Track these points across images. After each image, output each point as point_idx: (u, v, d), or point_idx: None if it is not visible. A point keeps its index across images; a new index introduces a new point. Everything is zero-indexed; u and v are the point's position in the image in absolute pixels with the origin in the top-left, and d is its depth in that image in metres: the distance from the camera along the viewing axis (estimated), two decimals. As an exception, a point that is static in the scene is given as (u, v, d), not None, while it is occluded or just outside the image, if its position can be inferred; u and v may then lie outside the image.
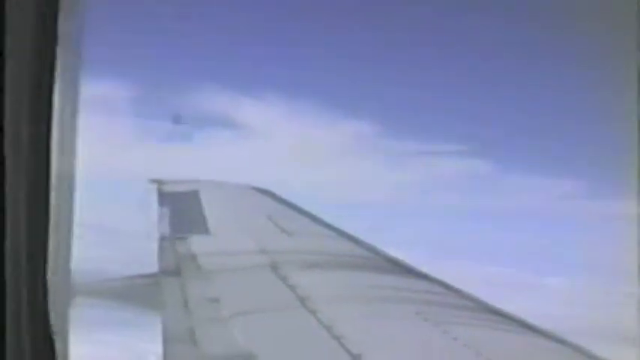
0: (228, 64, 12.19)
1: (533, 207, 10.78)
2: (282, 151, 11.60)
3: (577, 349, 5.53)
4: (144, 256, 8.66)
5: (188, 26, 11.33)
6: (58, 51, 2.42)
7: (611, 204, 8.98)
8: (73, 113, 2.68)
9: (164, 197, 11.28)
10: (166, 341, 6.17)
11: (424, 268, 7.93)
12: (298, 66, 11.98)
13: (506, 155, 11.29)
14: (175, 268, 8.09)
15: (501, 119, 11.57)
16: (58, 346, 2.52)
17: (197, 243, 8.95)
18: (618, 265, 5.37)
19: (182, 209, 10.52)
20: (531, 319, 6.19)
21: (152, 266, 8.31)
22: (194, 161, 11.60)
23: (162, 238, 9.27)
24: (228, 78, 11.81)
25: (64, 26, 2.44)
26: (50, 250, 2.50)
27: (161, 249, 8.87)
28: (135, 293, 7.84)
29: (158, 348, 6.08)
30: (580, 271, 9.34)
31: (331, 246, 9.16)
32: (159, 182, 12.18)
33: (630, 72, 3.87)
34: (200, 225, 9.67)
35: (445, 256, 9.62)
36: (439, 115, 11.80)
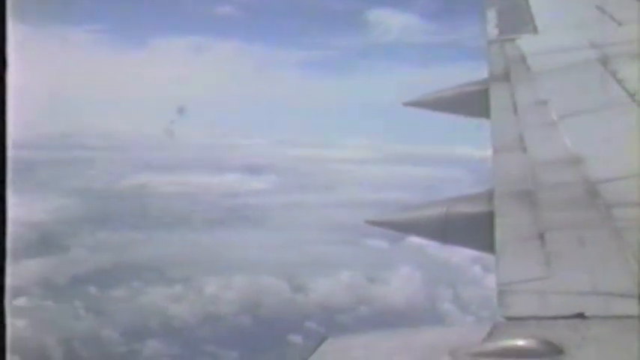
0: None
1: None
2: None
3: None
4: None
5: None
6: None
7: None
8: None
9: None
10: (495, 148, 6.42)
11: None
12: None
13: None
14: (504, 71, 8.13)
15: None
16: None
17: (525, 43, 8.83)
18: None
19: (510, 9, 10.35)
20: None
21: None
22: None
23: (490, 42, 9.28)
24: None
25: None
26: None
27: (490, 53, 8.91)
28: (465, 101, 8.05)
29: (487, 155, 6.37)
30: None
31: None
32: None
33: None
34: (528, 24, 9.49)
35: None
36: None
